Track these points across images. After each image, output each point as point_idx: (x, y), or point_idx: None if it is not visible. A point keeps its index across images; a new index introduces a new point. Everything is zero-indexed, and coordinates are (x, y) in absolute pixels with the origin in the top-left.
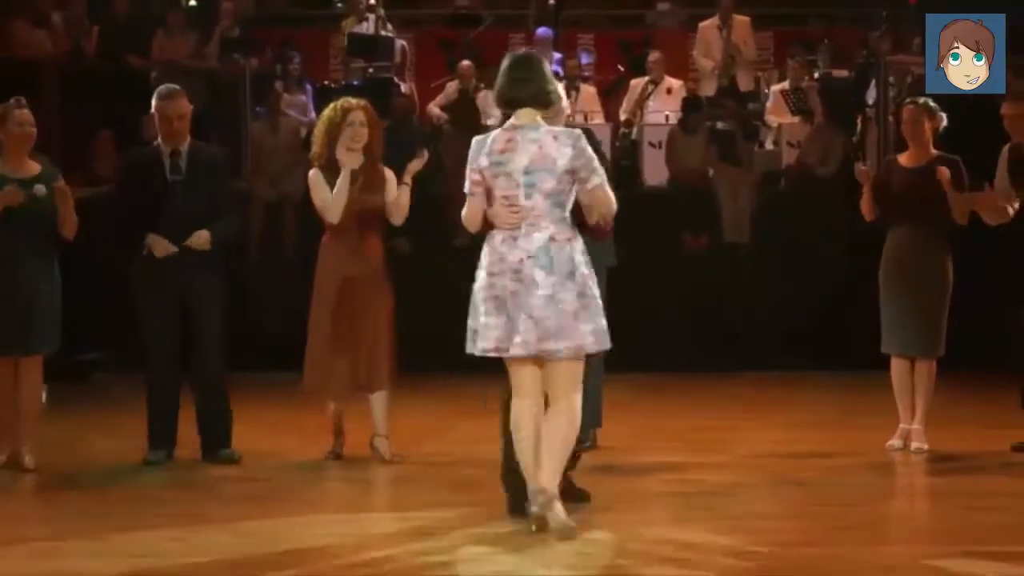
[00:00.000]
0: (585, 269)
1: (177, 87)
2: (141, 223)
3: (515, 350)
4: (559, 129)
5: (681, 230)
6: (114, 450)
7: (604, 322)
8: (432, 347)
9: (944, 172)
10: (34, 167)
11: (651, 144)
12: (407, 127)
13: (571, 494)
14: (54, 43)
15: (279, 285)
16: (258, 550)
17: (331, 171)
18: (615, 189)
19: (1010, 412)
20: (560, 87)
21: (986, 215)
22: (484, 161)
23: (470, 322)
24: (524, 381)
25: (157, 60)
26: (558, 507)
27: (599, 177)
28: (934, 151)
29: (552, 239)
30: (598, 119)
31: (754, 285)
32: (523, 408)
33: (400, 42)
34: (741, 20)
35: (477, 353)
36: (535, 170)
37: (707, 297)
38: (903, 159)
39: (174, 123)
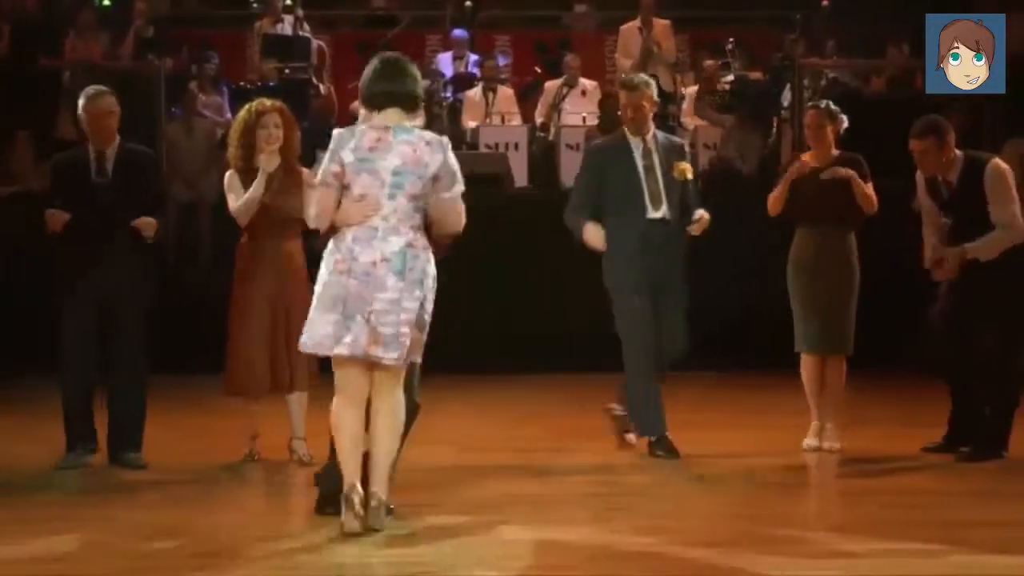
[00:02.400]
0: (431, 283)
1: (104, 88)
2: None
3: (340, 350)
4: (430, 135)
5: None
6: (29, 454)
7: (425, 337)
8: None
9: (840, 171)
10: None
11: (568, 146)
12: (325, 128)
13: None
14: None
15: (195, 287)
16: (180, 553)
17: (247, 173)
18: (533, 189)
19: (922, 412)
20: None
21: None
22: (348, 156)
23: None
24: (348, 383)
25: (70, 60)
26: (383, 515)
27: (460, 187)
28: (836, 151)
29: (410, 245)
30: (515, 120)
31: None
32: (344, 409)
33: (317, 43)
34: (661, 23)
35: (306, 350)
36: (404, 172)
37: None
38: (807, 160)
39: (98, 123)
